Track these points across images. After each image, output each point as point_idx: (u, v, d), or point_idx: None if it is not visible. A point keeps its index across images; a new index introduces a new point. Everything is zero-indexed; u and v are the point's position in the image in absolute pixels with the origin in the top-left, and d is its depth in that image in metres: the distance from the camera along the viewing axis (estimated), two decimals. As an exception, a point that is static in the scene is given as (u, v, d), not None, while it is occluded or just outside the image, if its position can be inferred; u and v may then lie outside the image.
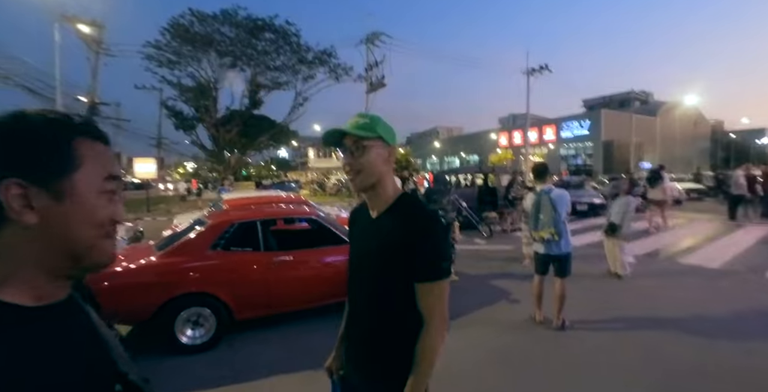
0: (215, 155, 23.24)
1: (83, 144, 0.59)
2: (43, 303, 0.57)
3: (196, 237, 3.98)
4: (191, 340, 3.66)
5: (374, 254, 1.21)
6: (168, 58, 18.55)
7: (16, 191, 0.53)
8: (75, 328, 0.61)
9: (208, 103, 20.69)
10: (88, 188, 0.59)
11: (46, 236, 0.56)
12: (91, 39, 15.44)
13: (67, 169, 0.57)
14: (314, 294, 4.16)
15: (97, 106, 17.03)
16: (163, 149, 32.70)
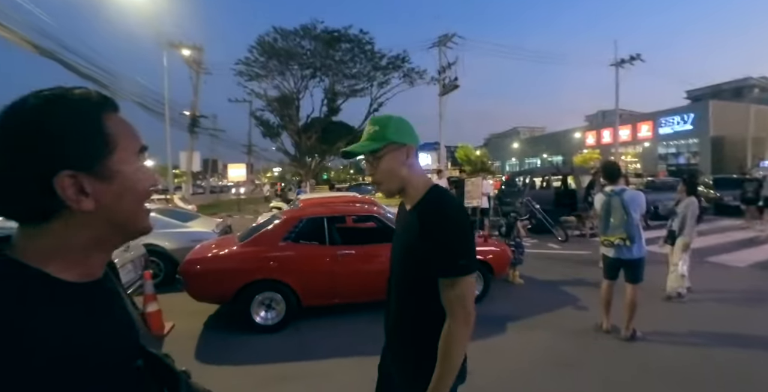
0: (297, 160, 24.87)
1: (110, 120, 0.60)
2: (84, 279, 0.60)
3: (271, 230, 4.45)
4: (264, 321, 4.12)
5: (401, 248, 1.27)
6: (256, 73, 20.59)
7: (70, 182, 0.54)
8: (108, 304, 0.65)
9: (291, 112, 22.37)
10: (128, 164, 0.61)
11: (102, 217, 0.58)
12: (193, 60, 17.71)
13: (107, 150, 0.58)
14: (376, 288, 4.38)
15: (197, 118, 19.39)
16: (253, 155, 36.06)
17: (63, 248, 0.57)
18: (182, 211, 7.98)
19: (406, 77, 21.53)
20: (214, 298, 4.28)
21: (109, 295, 0.66)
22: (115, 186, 0.59)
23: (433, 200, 1.20)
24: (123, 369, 0.61)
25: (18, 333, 0.49)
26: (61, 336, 0.52)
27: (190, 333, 4.19)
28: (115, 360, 0.59)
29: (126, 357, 0.62)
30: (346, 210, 5.10)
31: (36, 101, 0.55)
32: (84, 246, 0.59)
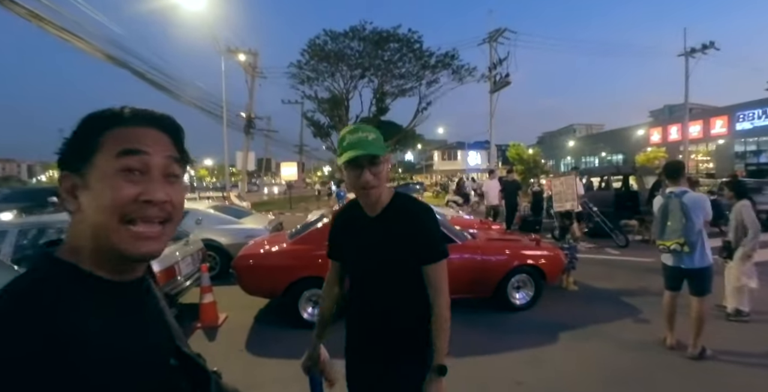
0: (347, 160, 25.30)
1: (115, 130, 0.60)
2: (120, 278, 0.61)
3: (319, 229, 4.54)
4: (311, 317, 4.21)
5: (383, 247, 1.34)
6: (307, 75, 21.18)
7: (67, 183, 0.59)
8: (143, 303, 0.66)
9: (340, 112, 22.79)
10: (105, 168, 0.57)
11: (83, 222, 0.59)
12: (248, 65, 18.57)
13: (90, 154, 0.58)
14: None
15: (252, 120, 20.33)
16: (304, 155, 37.25)
17: (78, 244, 0.59)
18: (237, 208, 8.38)
19: (455, 75, 21.13)
20: (265, 293, 4.44)
21: (143, 295, 0.67)
22: (89, 190, 0.58)
23: (406, 202, 1.38)
24: (157, 366, 0.61)
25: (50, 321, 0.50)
26: (93, 326, 0.53)
27: (242, 324, 4.38)
28: (149, 357, 0.60)
29: (160, 355, 0.63)
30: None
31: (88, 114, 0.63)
32: (88, 247, 0.59)
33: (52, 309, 0.51)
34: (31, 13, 6.25)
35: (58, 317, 0.51)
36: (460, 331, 3.96)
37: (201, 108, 16.80)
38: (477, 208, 13.39)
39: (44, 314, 0.50)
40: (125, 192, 0.57)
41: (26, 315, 0.49)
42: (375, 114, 22.73)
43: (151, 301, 0.69)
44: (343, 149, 1.26)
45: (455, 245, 4.43)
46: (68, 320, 0.51)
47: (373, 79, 21.46)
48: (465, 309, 4.53)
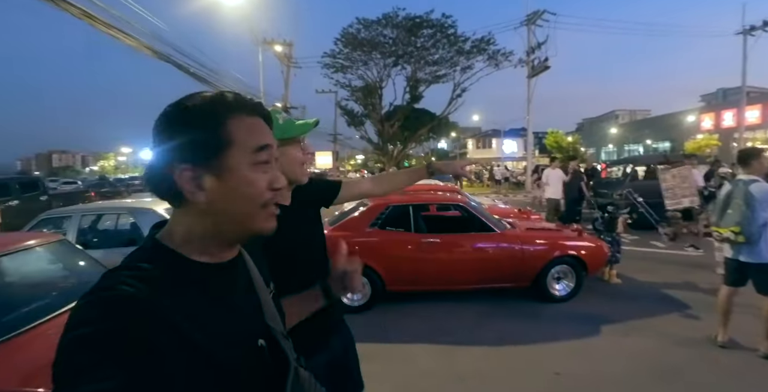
0: (380, 148, 25.32)
1: (234, 121, 0.62)
2: (215, 261, 0.65)
3: (358, 216, 4.63)
4: (351, 301, 4.33)
5: (312, 230, 1.40)
6: (341, 64, 21.19)
7: (188, 175, 0.59)
8: (235, 284, 0.69)
9: (374, 100, 22.74)
10: (241, 162, 0.61)
11: (214, 211, 0.62)
12: (284, 55, 18.79)
13: (221, 148, 0.60)
14: (459, 277, 4.37)
15: (288, 110, 20.66)
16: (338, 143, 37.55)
17: (187, 234, 0.63)
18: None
19: (491, 60, 20.47)
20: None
21: (236, 276, 0.70)
22: (227, 183, 0.61)
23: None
24: (244, 346, 0.64)
25: (146, 301, 0.53)
26: (185, 306, 0.56)
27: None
28: (237, 335, 0.63)
29: (248, 335, 0.66)
30: (431, 198, 5.11)
31: (178, 101, 0.62)
32: (202, 235, 0.63)
33: (152, 292, 0.54)
34: (84, 13, 6.62)
35: (157, 298, 0.54)
36: (498, 320, 4.04)
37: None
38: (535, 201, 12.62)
39: (144, 296, 0.53)
40: (265, 183, 0.64)
41: (128, 296, 0.52)
42: (408, 102, 22.51)
43: (243, 282, 0.72)
44: (285, 126, 1.21)
45: (493, 234, 4.40)
46: (158, 303, 0.54)
47: (407, 67, 21.17)
48: (503, 298, 4.52)
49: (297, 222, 1.30)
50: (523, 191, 18.58)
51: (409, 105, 22.77)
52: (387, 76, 21.58)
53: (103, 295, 0.53)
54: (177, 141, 0.60)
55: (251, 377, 0.64)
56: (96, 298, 0.53)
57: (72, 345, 0.48)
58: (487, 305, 4.40)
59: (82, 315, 0.51)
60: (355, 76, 21.80)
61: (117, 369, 0.46)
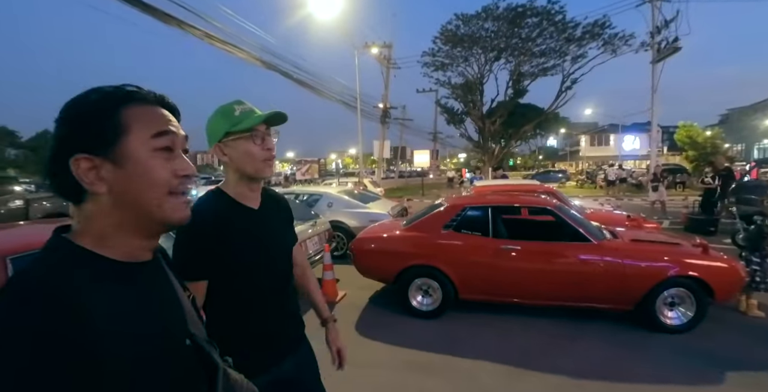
0: (480, 146, 24.31)
1: (130, 109, 0.61)
2: (132, 260, 0.63)
3: (433, 217, 4.35)
4: (419, 306, 4.09)
5: (282, 238, 1.31)
6: (441, 62, 20.69)
7: (86, 165, 0.58)
8: (157, 284, 0.68)
9: (474, 97, 21.84)
10: (139, 149, 0.60)
11: (118, 202, 0.60)
12: (383, 57, 19.07)
13: (117, 135, 0.59)
14: (541, 291, 3.81)
15: (388, 110, 21.01)
16: (438, 142, 37.17)
17: (96, 228, 0.61)
18: (365, 193, 8.75)
19: (606, 46, 17.92)
20: (377, 277, 4.48)
21: (155, 276, 0.68)
22: (127, 171, 0.59)
23: (268, 188, 1.35)
24: (172, 345, 0.63)
25: (61, 299, 0.51)
26: (103, 304, 0.54)
27: (357, 303, 4.52)
28: (164, 336, 0.61)
29: (175, 336, 0.64)
30: (513, 200, 4.56)
31: (74, 96, 0.61)
32: (113, 228, 0.61)
33: (64, 290, 0.52)
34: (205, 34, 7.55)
35: (71, 297, 0.52)
36: (585, 345, 3.38)
37: (342, 102, 18.07)
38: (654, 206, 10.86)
39: (58, 295, 0.51)
40: (167, 169, 0.62)
41: (41, 296, 0.50)
42: (512, 97, 21.12)
43: (164, 283, 0.70)
44: (240, 118, 1.12)
45: (588, 245, 3.72)
46: (81, 300, 0.52)
47: (510, 60, 19.82)
48: (596, 321, 3.82)
49: (259, 224, 1.22)
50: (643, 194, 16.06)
51: (513, 100, 21.36)
52: (488, 72, 20.52)
53: (17, 291, 0.52)
54: (72, 132, 0.59)
55: (178, 376, 0.62)
56: (9, 294, 0.52)
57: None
58: (574, 326, 3.75)
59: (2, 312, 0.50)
60: (455, 73, 21.20)
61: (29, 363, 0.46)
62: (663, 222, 9.13)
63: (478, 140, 23.68)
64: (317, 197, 7.55)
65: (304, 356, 1.35)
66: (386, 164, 33.19)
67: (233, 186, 1.19)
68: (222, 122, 1.13)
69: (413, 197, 18.41)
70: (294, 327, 1.32)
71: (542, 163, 61.67)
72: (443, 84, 21.89)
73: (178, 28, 7.03)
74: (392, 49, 19.78)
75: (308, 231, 5.18)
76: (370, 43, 18.68)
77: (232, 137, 1.13)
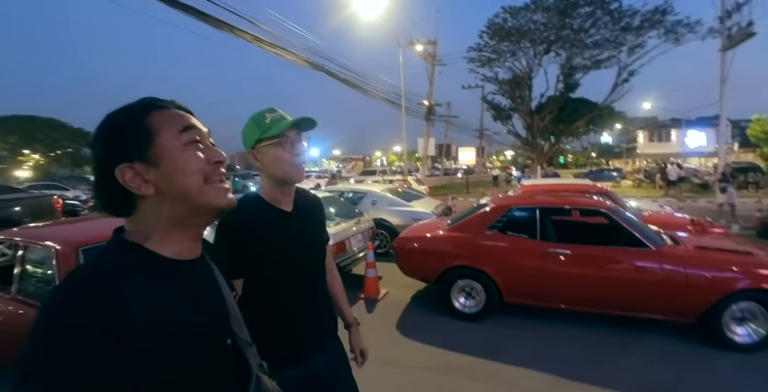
0: (529, 143, 23.42)
1: (154, 116, 0.65)
2: (180, 257, 0.67)
3: (477, 217, 4.24)
4: (462, 307, 4.01)
5: (313, 240, 1.33)
6: (487, 57, 20.03)
7: (130, 172, 0.62)
8: (204, 282, 0.71)
9: (522, 92, 20.99)
10: (171, 146, 0.64)
11: (166, 197, 0.64)
12: (428, 54, 18.80)
13: (149, 138, 0.63)
14: (591, 298, 3.60)
15: (433, 107, 20.75)
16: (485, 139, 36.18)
17: (151, 230, 0.65)
18: (408, 191, 8.70)
19: (669, 34, 16.46)
20: (419, 276, 4.45)
21: (202, 274, 0.71)
22: (165, 167, 0.63)
23: (304, 190, 1.39)
24: (214, 343, 0.66)
25: (115, 293, 0.55)
26: (151, 300, 0.57)
27: (399, 302, 4.52)
28: (206, 334, 0.64)
29: (217, 333, 0.67)
30: (562, 201, 4.33)
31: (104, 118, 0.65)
32: (167, 225, 0.65)
33: (114, 286, 0.55)
34: (254, 37, 7.83)
35: (119, 293, 0.55)
36: (639, 360, 3.16)
37: (387, 100, 18.07)
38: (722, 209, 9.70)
39: (107, 290, 0.55)
40: (201, 158, 0.66)
41: (92, 291, 0.54)
42: (562, 91, 20.08)
43: (211, 281, 0.73)
44: (270, 125, 1.16)
45: (645, 251, 3.46)
46: (128, 296, 0.55)
47: (560, 53, 18.80)
48: (653, 333, 3.56)
49: (291, 227, 1.26)
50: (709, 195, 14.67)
51: (563, 95, 20.29)
52: (537, 66, 19.60)
53: (74, 284, 0.56)
54: (108, 148, 0.63)
55: (215, 375, 0.64)
56: (67, 286, 0.55)
57: (41, 330, 0.51)
58: (626, 337, 3.51)
59: (53, 302, 0.54)
60: (503, 68, 20.48)
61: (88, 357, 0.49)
62: (732, 227, 8.32)
63: (527, 137, 22.81)
64: (361, 194, 7.62)
65: (335, 356, 1.36)
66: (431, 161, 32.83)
67: (267, 190, 1.25)
68: (254, 130, 1.18)
69: (458, 196, 18.10)
70: (324, 326, 1.34)
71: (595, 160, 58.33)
72: (490, 80, 21.25)
73: (230, 33, 7.37)
74: (437, 46, 19.45)
75: (352, 229, 5.25)
76: (415, 41, 18.45)
77: (263, 144, 1.17)
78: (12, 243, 3.00)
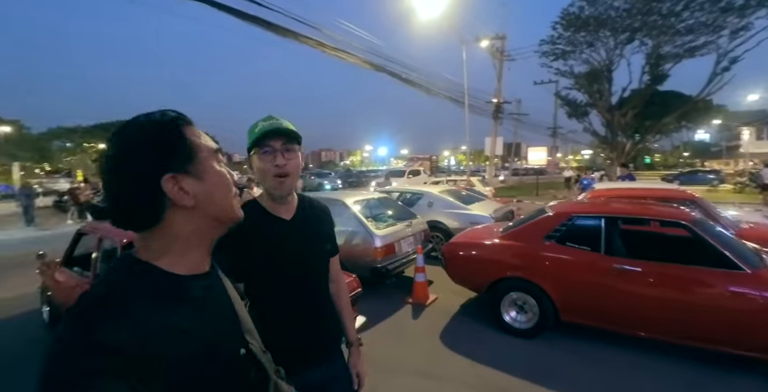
0: (608, 142, 21.43)
1: (187, 130, 0.66)
2: (192, 272, 0.68)
3: (533, 225, 3.88)
4: (513, 322, 3.69)
5: (312, 250, 1.27)
6: (562, 50, 18.57)
7: (173, 182, 0.63)
8: (215, 295, 0.71)
9: (601, 87, 19.20)
10: (212, 163, 0.68)
11: (201, 211, 0.66)
12: (495, 50, 17.88)
13: (194, 152, 0.66)
14: (662, 324, 3.08)
15: (501, 105, 19.78)
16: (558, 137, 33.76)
17: (169, 245, 0.65)
18: (468, 194, 8.34)
19: None
20: (468, 284, 4.19)
21: (214, 286, 0.72)
22: (206, 183, 0.66)
23: (313, 200, 1.36)
24: (228, 355, 0.67)
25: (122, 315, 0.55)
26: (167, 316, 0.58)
27: (447, 309, 4.31)
28: (220, 344, 0.65)
29: (230, 343, 0.69)
30: (635, 211, 3.78)
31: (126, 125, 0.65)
32: (187, 240, 0.66)
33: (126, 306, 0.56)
34: (317, 42, 8.02)
35: (130, 313, 0.55)
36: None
37: (451, 98, 17.59)
38: None
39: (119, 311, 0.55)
40: (231, 178, 0.71)
41: (103, 312, 0.54)
42: (648, 84, 18.00)
43: (222, 292, 0.74)
44: (256, 134, 1.14)
45: (738, 275, 2.86)
46: (139, 314, 0.56)
47: (646, 42, 16.81)
48: (739, 371, 2.95)
49: (287, 235, 1.24)
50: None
51: (650, 88, 18.21)
52: (618, 57, 17.81)
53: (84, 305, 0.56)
54: (150, 157, 0.62)
55: (233, 385, 0.65)
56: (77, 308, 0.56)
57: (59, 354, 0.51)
58: (704, 372, 2.95)
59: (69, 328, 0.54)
60: (579, 61, 18.91)
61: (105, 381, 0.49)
62: None
63: (606, 135, 20.88)
64: (418, 196, 7.47)
65: (335, 370, 1.32)
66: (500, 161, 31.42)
67: (264, 198, 1.26)
68: (248, 139, 1.18)
69: (525, 199, 17.07)
70: (324, 339, 1.30)
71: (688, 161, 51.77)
72: (564, 74, 19.77)
73: (295, 40, 7.64)
74: (505, 41, 18.43)
75: (403, 231, 5.13)
76: (481, 36, 17.68)
77: (253, 153, 1.18)
78: (92, 235, 3.55)
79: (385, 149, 77.38)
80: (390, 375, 3.01)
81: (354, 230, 4.78)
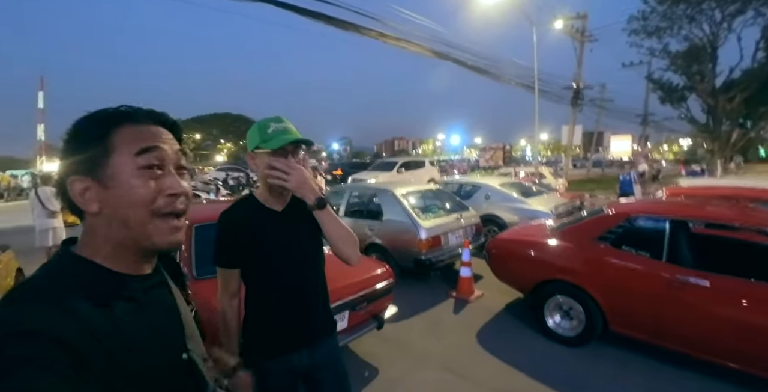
0: (709, 130, 18.55)
1: (121, 131, 0.61)
2: (131, 272, 0.64)
3: (586, 225, 3.53)
4: (557, 328, 3.42)
5: (307, 236, 1.33)
6: (656, 27, 16.14)
7: (80, 186, 0.59)
8: (157, 297, 0.67)
9: (703, 67, 16.50)
10: (123, 169, 0.59)
11: (108, 220, 0.61)
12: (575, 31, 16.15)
13: (104, 156, 0.59)
14: (729, 347, 2.60)
15: (581, 90, 18.04)
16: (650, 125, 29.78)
17: (94, 242, 0.62)
18: (528, 186, 7.82)
19: None
20: (512, 284, 3.96)
21: (155, 290, 0.68)
22: (112, 190, 0.59)
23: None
24: (169, 358, 0.64)
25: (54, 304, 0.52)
26: (96, 312, 0.55)
27: (491, 307, 4.14)
28: (160, 347, 0.62)
29: (172, 348, 0.66)
30: (707, 214, 3.22)
31: (77, 120, 0.62)
32: (109, 244, 0.61)
33: (59, 296, 0.53)
34: (379, 33, 7.94)
35: (63, 302, 0.53)
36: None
37: (523, 85, 16.45)
38: None
39: (51, 299, 0.53)
40: (152, 187, 0.60)
41: (36, 300, 0.52)
42: (763, 63, 15.10)
43: (164, 296, 0.70)
44: (271, 136, 1.21)
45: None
46: (73, 305, 0.53)
47: (763, 11, 13.98)
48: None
49: (277, 225, 1.30)
50: None
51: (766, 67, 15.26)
52: (726, 31, 15.09)
53: (19, 298, 0.53)
54: (68, 155, 0.60)
55: (170, 389, 0.63)
56: (11, 296, 0.53)
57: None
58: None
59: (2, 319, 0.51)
60: (676, 38, 16.40)
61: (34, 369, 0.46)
62: None
63: (707, 122, 18.06)
64: (476, 188, 7.20)
65: (324, 356, 1.37)
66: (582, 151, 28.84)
67: (260, 192, 1.34)
68: (256, 136, 1.24)
69: (602, 193, 15.50)
70: (314, 325, 1.35)
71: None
72: (657, 54, 17.31)
73: (356, 32, 7.67)
74: (586, 21, 16.58)
75: (451, 223, 4.99)
76: (558, 16, 16.06)
77: (260, 151, 1.24)
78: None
79: (457, 138, 74.92)
80: (417, 367, 3.00)
81: (400, 220, 4.76)
